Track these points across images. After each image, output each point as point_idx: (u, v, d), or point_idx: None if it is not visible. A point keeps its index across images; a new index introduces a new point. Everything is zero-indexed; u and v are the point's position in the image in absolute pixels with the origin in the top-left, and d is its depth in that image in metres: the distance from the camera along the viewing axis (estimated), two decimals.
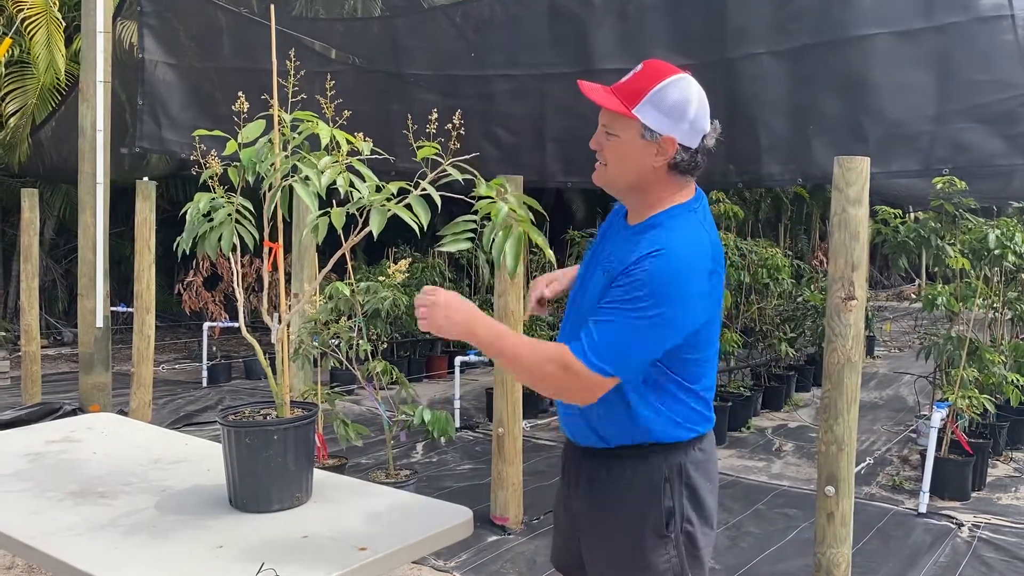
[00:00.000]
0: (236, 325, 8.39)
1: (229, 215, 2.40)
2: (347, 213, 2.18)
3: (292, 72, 2.41)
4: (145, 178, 5.99)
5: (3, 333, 9.48)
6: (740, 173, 4.13)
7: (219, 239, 2.39)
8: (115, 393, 6.41)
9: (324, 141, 2.28)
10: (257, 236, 2.43)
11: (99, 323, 5.86)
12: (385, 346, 5.40)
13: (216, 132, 2.41)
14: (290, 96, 2.38)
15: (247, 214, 2.47)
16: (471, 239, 2.28)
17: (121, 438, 3.01)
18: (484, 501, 4.47)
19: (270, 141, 2.38)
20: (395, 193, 2.17)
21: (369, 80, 5.61)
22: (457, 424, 6.37)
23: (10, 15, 8.19)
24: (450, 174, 2.29)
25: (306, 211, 4.61)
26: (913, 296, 18.84)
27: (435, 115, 2.30)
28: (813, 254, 9.82)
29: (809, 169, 3.94)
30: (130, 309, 8.55)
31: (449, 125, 2.26)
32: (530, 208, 2.35)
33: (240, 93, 2.43)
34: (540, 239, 2.26)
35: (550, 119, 4.64)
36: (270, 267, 2.37)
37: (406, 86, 5.42)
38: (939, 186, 5.16)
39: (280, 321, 2.35)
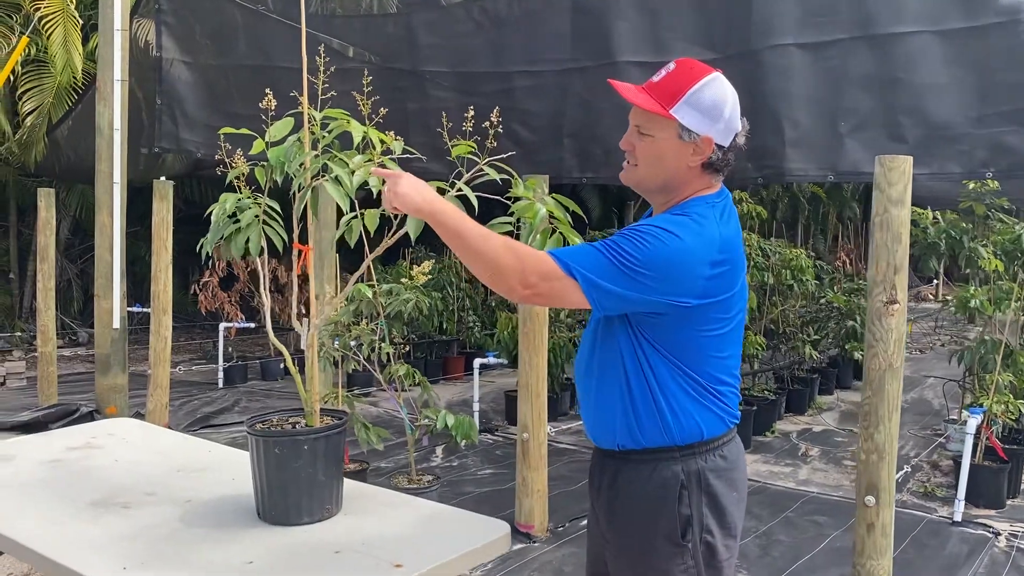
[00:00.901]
0: (252, 326, 8.36)
1: (256, 217, 2.32)
2: (381, 215, 2.10)
3: (322, 69, 2.33)
4: (163, 178, 5.93)
5: (19, 333, 9.46)
6: (759, 168, 4.02)
7: (246, 241, 2.32)
8: (131, 394, 6.35)
9: (356, 139, 2.20)
10: (286, 238, 2.35)
11: (116, 324, 5.80)
12: (406, 349, 5.33)
13: (243, 131, 2.33)
14: (320, 94, 2.29)
15: (275, 215, 2.39)
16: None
17: (142, 444, 2.94)
18: (507, 507, 4.39)
19: (299, 140, 2.30)
20: None
21: (385, 77, 5.54)
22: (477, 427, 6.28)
23: (27, 13, 8.15)
24: (485, 174, 2.21)
25: (326, 210, 4.55)
26: (930, 297, 18.64)
27: (471, 113, 2.22)
28: (835, 255, 9.68)
29: (840, 166, 3.83)
30: (145, 309, 8.51)
31: (487, 124, 2.18)
32: (565, 209, 2.27)
33: (268, 91, 2.35)
34: (573, 239, 2.17)
35: (569, 115, 4.56)
36: (299, 270, 2.29)
37: (422, 83, 5.34)
38: (970, 186, 5.04)
39: (309, 327, 2.27)
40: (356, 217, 2.07)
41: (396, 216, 2.04)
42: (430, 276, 3.93)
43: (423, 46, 5.23)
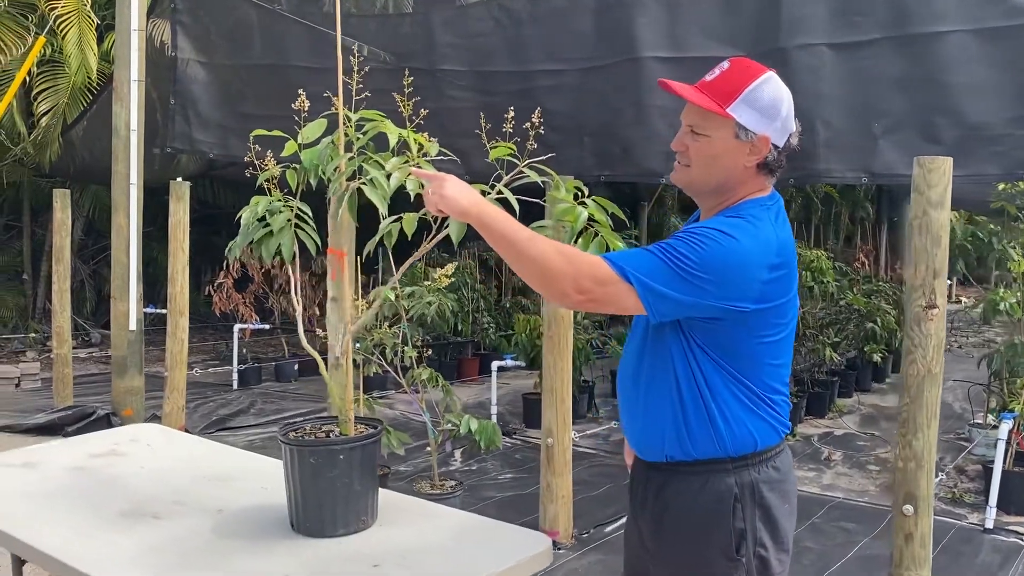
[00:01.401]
0: (266, 327, 8.32)
1: (288, 221, 2.27)
2: (419, 218, 2.05)
3: (356, 70, 2.27)
4: (179, 179, 5.89)
5: (33, 334, 9.45)
6: (792, 170, 3.94)
7: (278, 246, 2.26)
8: (146, 396, 6.31)
9: (392, 141, 2.15)
10: (319, 242, 2.30)
11: (132, 326, 5.77)
12: (428, 352, 5.26)
13: (276, 132, 2.28)
14: (354, 94, 2.24)
15: (307, 219, 2.34)
16: None
17: (167, 451, 2.90)
18: (530, 512, 4.33)
19: (333, 142, 2.25)
20: None
21: (400, 77, 5.49)
22: None
23: (43, 13, 8.13)
24: (524, 176, 2.16)
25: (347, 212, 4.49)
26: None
27: (511, 114, 2.16)
28: (854, 256, 9.60)
29: (874, 167, 3.76)
30: (159, 311, 8.49)
31: (528, 124, 2.12)
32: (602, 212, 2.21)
33: (300, 91, 2.30)
34: (622, 247, 2.11)
35: (590, 113, 4.49)
36: (334, 275, 2.23)
37: (439, 83, 5.28)
38: (1000, 187, 4.96)
39: (345, 333, 2.22)
40: (396, 221, 2.01)
41: (436, 219, 1.99)
42: (451, 278, 3.88)
43: (440, 45, 5.17)
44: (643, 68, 4.23)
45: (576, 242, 2.09)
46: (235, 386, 7.90)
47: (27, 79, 7.90)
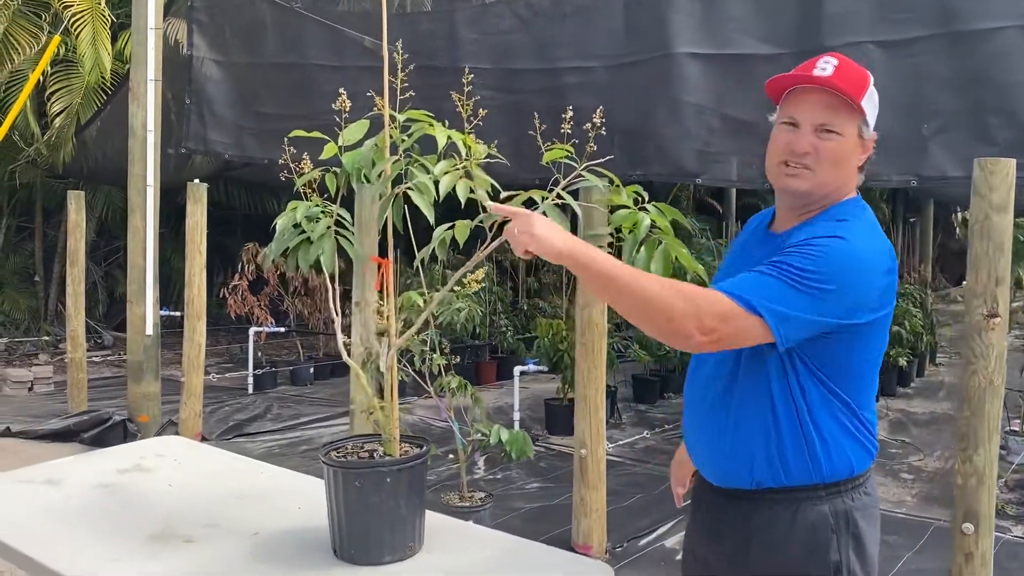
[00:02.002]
0: (281, 330, 8.21)
1: (328, 228, 2.14)
2: (472, 226, 1.92)
3: (400, 67, 2.15)
4: (196, 180, 5.78)
5: (45, 337, 9.37)
6: None
7: (318, 255, 2.14)
8: (161, 400, 6.20)
9: (441, 144, 2.02)
10: (370, 251, 2.17)
11: (149, 330, 5.67)
12: (456, 360, 5.11)
13: (315, 134, 2.15)
14: (399, 92, 2.11)
15: (347, 226, 2.22)
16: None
17: (194, 466, 2.78)
18: (559, 524, 4.21)
19: (376, 144, 2.12)
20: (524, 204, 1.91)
21: (421, 76, 5.36)
22: None
23: (56, 11, 8.03)
24: (578, 181, 2.03)
25: (370, 214, 4.38)
26: (959, 299, 18.30)
27: (569, 114, 2.04)
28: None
29: (923, 170, 3.63)
30: (173, 313, 8.41)
31: (588, 124, 1.99)
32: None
33: (341, 90, 2.17)
34: (687, 257, 1.98)
35: (620, 111, 4.36)
36: (378, 285, 2.11)
37: (461, 81, 5.16)
38: None
39: (390, 346, 2.09)
40: (450, 228, 1.89)
41: (491, 226, 1.87)
42: (482, 284, 3.75)
43: (462, 42, 5.05)
44: (677, 64, 4.10)
45: (638, 251, 1.96)
46: (250, 390, 7.79)
47: (40, 79, 7.81)
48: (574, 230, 1.95)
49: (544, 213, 1.89)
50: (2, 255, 10.00)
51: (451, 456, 4.71)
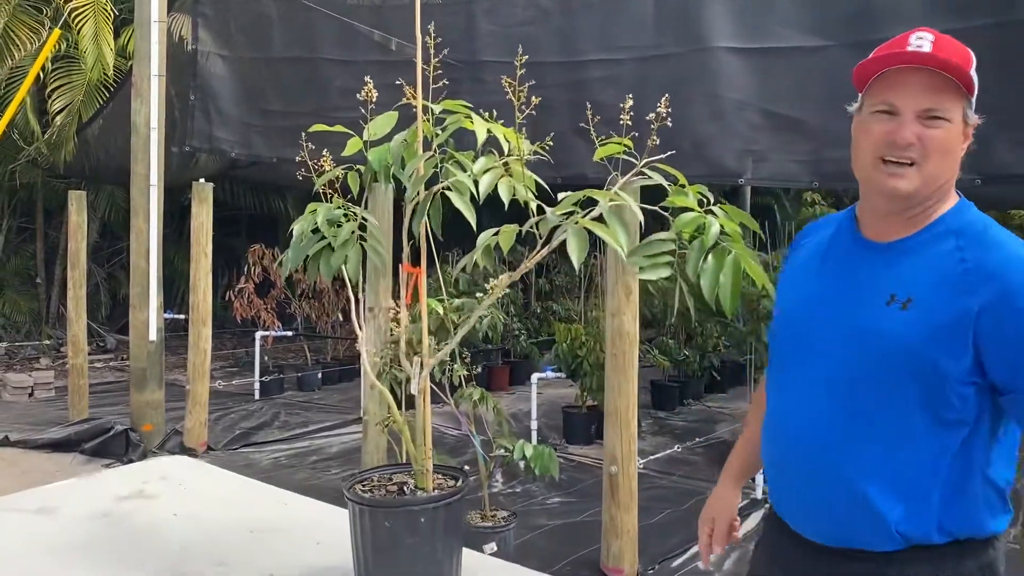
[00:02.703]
0: (288, 334, 7.97)
1: (353, 232, 1.91)
2: (520, 232, 1.69)
3: (432, 55, 1.92)
4: (201, 179, 5.55)
5: (47, 341, 9.15)
6: None
7: (342, 261, 1.91)
8: (165, 407, 5.97)
9: (481, 138, 1.79)
10: (387, 257, 1.94)
11: (152, 336, 5.44)
12: (477, 370, 4.90)
13: (338, 128, 1.92)
14: (432, 82, 1.88)
15: (374, 230, 1.99)
16: (669, 262, 1.78)
17: (201, 491, 2.55)
18: (586, 543, 3.98)
19: (406, 140, 1.89)
20: (577, 205, 1.68)
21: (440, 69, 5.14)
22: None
23: (57, 5, 7.81)
24: (636, 179, 1.80)
25: (384, 214, 4.14)
26: None
27: (628, 103, 1.81)
28: None
29: (988, 168, 3.37)
30: (177, 316, 8.18)
31: (651, 115, 1.76)
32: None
33: (368, 79, 1.94)
34: (757, 269, 1.75)
35: (650, 107, 4.12)
36: (409, 297, 1.88)
37: (480, 75, 4.92)
38: None
39: (422, 367, 1.86)
40: (496, 234, 1.65)
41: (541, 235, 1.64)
42: (508, 291, 3.52)
43: (481, 35, 4.81)
44: (714, 59, 3.85)
45: (705, 260, 1.73)
46: (257, 396, 7.57)
47: (41, 75, 7.58)
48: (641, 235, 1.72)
49: (600, 219, 1.66)
50: (3, 257, 9.78)
51: (466, 467, 4.48)
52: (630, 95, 1.83)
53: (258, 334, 7.67)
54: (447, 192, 1.75)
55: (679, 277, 1.77)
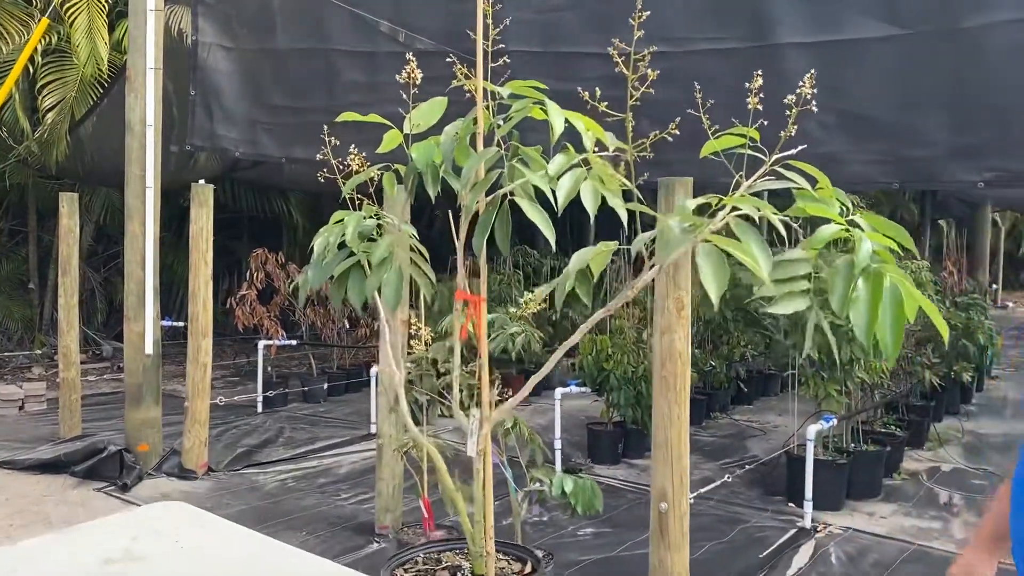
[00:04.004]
0: (293, 343, 7.58)
1: (392, 251, 1.52)
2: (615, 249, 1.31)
3: (490, 42, 1.53)
4: (201, 181, 5.16)
5: (39, 350, 8.76)
6: (977, 170, 3.18)
7: (375, 286, 1.52)
8: (163, 421, 5.56)
9: (557, 130, 1.40)
10: (433, 280, 1.55)
11: (148, 350, 5.05)
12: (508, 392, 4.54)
13: (372, 117, 1.53)
14: (488, 65, 1.50)
15: (415, 245, 1.60)
16: (806, 291, 1.39)
17: (202, 552, 2.16)
18: None
19: (457, 133, 1.50)
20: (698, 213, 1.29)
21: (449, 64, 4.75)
22: (557, 468, 5.48)
23: None
24: (764, 183, 1.42)
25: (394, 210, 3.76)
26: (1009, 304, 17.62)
27: (758, 81, 1.43)
28: (941, 264, 8.80)
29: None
30: (176, 323, 7.79)
31: (790, 97, 1.38)
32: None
33: (410, 56, 1.55)
34: (926, 302, 1.36)
35: (713, 106, 3.73)
36: (465, 332, 1.49)
37: (502, 68, 4.54)
38: None
39: (480, 424, 1.47)
40: (602, 254, 1.26)
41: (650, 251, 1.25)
42: (543, 305, 3.14)
43: (508, 22, 4.41)
44: (779, 58, 3.47)
45: (855, 286, 1.33)
46: (260, 408, 7.18)
47: (31, 69, 7.18)
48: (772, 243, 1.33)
49: (726, 234, 1.28)
50: None
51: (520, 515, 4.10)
52: (759, 71, 1.44)
53: (261, 343, 7.28)
54: (516, 199, 1.36)
55: (815, 309, 1.38)
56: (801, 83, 1.38)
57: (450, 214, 2.08)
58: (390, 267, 1.51)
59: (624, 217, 1.36)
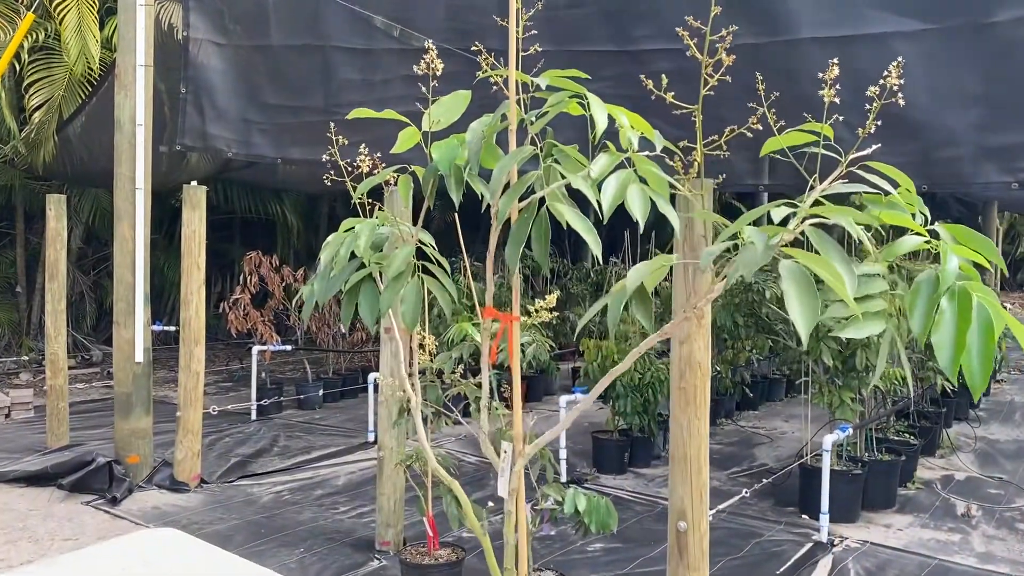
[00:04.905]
0: (288, 348, 7.39)
1: (410, 263, 1.35)
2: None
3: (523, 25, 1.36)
4: (193, 182, 4.98)
5: (26, 356, 8.54)
6: (1010, 171, 3.03)
7: (390, 302, 1.35)
8: (154, 428, 5.36)
9: (600, 126, 1.23)
10: (455, 296, 1.38)
11: (138, 357, 4.86)
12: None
13: (389, 113, 1.36)
14: (519, 55, 1.33)
15: (432, 255, 1.43)
16: (882, 312, 1.23)
17: None
18: None
19: (483, 131, 1.33)
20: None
21: (464, 61, 4.57)
22: (564, 479, 5.32)
23: None
24: (839, 186, 1.25)
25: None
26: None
27: (833, 70, 1.27)
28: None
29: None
30: (167, 328, 7.59)
31: (872, 89, 1.22)
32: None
33: (430, 44, 1.38)
34: (1017, 325, 1.19)
35: (730, 105, 3.56)
36: (494, 355, 1.32)
37: (506, 66, 4.36)
38: None
39: (514, 459, 1.30)
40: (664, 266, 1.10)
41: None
42: (554, 314, 2.96)
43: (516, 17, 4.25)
44: (800, 54, 3.31)
45: (937, 309, 1.17)
46: (254, 416, 6.99)
47: (17, 68, 6.97)
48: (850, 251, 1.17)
49: (802, 243, 1.11)
50: None
51: (491, 504, 3.92)
52: (834, 59, 1.28)
53: (255, 349, 7.08)
54: (553, 205, 1.19)
55: (892, 333, 1.22)
56: (887, 72, 1.21)
57: (456, 216, 1.90)
58: (407, 280, 1.34)
59: (676, 225, 1.20)
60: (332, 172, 1.56)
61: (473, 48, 1.40)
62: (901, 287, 1.29)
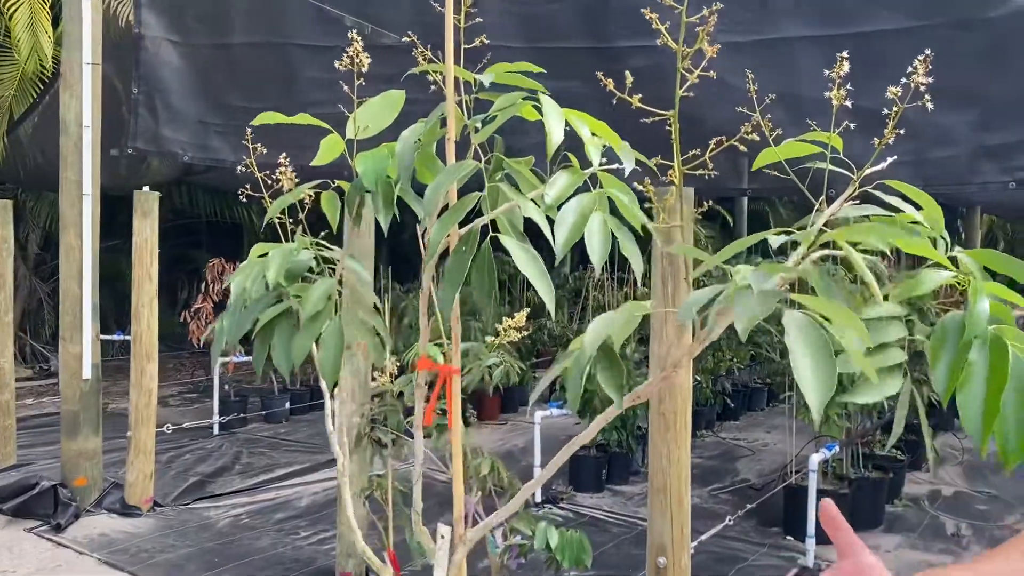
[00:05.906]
0: (251, 359, 7.13)
1: (331, 297, 1.11)
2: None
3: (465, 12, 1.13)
4: (146, 188, 4.70)
5: None
6: (1008, 170, 2.86)
7: (308, 343, 1.11)
8: (106, 446, 5.05)
9: (554, 141, 1.00)
10: (388, 343, 1.14)
11: (86, 373, 4.57)
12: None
13: (302, 118, 1.12)
14: (461, 47, 1.09)
15: (362, 292, 1.18)
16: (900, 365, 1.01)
17: None
18: None
19: (419, 140, 1.09)
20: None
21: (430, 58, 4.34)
22: (538, 498, 5.09)
23: None
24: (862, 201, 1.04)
25: (364, 233, 3.35)
26: None
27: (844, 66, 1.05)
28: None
29: None
30: (127, 337, 7.29)
31: (894, 89, 1.00)
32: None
33: (354, 33, 1.14)
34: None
35: (714, 105, 3.35)
36: (429, 417, 1.09)
37: (480, 67, 4.13)
38: None
39: (453, 549, 1.06)
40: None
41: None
42: (525, 333, 2.72)
43: (487, 14, 4.01)
44: (786, 52, 3.11)
45: (966, 360, 0.95)
46: (216, 430, 6.69)
47: None
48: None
49: (823, 286, 0.89)
50: None
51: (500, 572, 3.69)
52: (844, 54, 1.06)
53: (216, 360, 6.79)
54: (503, 239, 0.95)
55: (910, 388, 1.00)
56: (912, 68, 0.99)
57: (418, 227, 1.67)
58: (326, 319, 1.10)
59: (639, 270, 0.97)
60: (249, 187, 1.32)
61: (406, 39, 1.16)
62: (919, 329, 1.06)
